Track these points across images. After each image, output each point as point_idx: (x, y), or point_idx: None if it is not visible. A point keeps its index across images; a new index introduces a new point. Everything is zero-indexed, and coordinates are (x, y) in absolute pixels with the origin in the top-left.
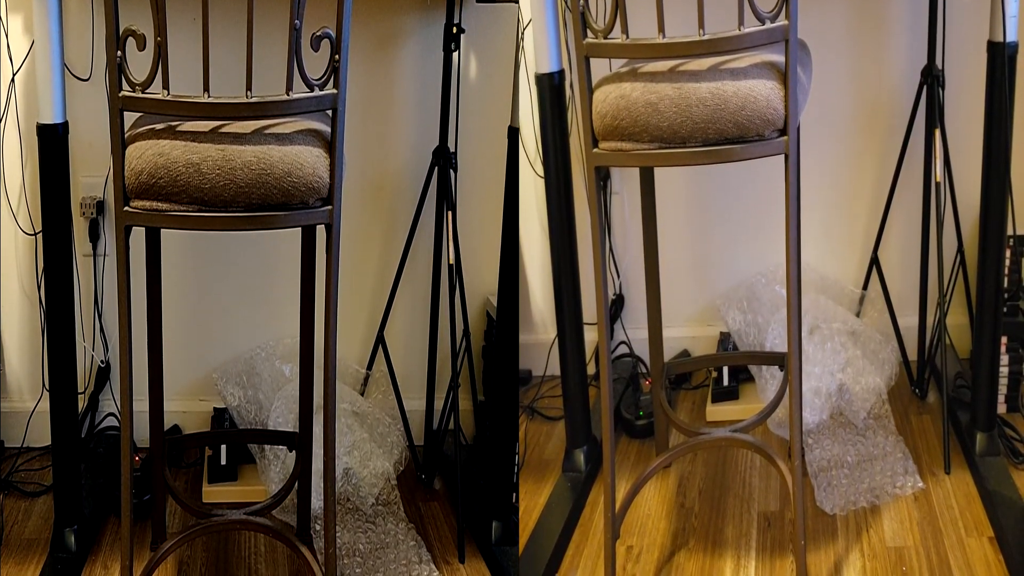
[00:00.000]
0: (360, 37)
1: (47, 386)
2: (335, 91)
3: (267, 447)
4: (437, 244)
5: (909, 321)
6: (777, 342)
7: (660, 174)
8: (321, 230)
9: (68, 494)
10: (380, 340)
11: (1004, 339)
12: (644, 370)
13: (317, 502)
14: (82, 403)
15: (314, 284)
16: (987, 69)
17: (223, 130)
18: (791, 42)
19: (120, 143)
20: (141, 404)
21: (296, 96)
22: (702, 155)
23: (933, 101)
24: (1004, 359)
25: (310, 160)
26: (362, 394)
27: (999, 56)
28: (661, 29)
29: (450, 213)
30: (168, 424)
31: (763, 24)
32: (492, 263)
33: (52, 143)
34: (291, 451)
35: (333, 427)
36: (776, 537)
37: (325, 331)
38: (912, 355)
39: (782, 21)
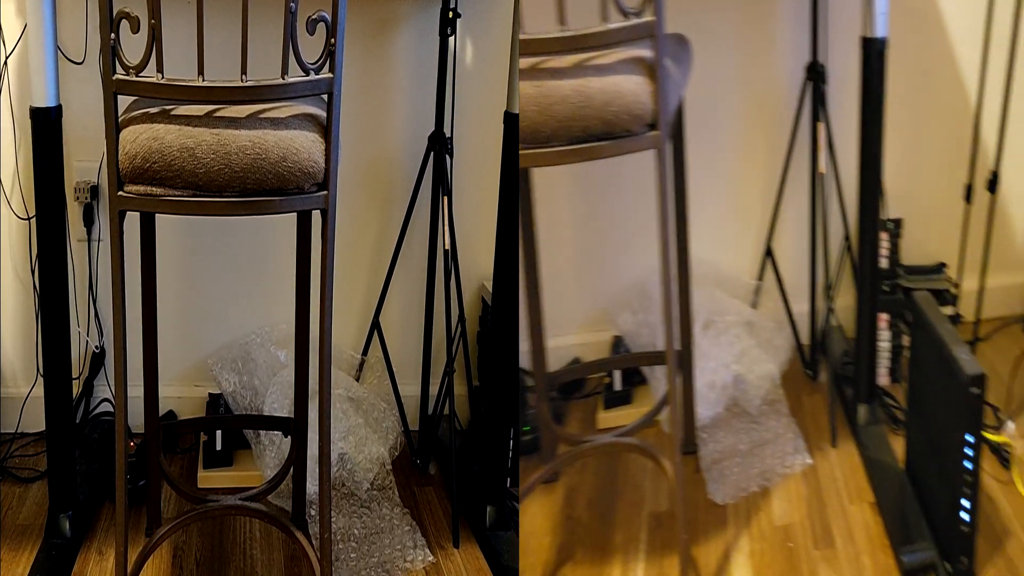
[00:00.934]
0: (356, 21)
1: (41, 371)
2: (331, 75)
3: (262, 433)
4: (433, 229)
5: (803, 308)
6: (276, 405)
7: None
8: (317, 215)
9: (63, 480)
10: (375, 325)
11: (886, 316)
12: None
13: (312, 487)
14: (77, 389)
15: (309, 269)
16: (861, 63)
17: (218, 114)
18: (659, 38)
19: (114, 127)
20: (136, 390)
21: (292, 80)
22: (569, 154)
23: (817, 95)
24: (887, 335)
25: (306, 145)
26: (357, 380)
27: (871, 51)
28: (201, 71)
29: (446, 198)
30: (163, 410)
31: (627, 19)
32: (488, 248)
33: (45, 127)
34: (286, 436)
35: (328, 413)
36: (666, 536)
37: (320, 317)
38: (808, 340)
39: (648, 16)
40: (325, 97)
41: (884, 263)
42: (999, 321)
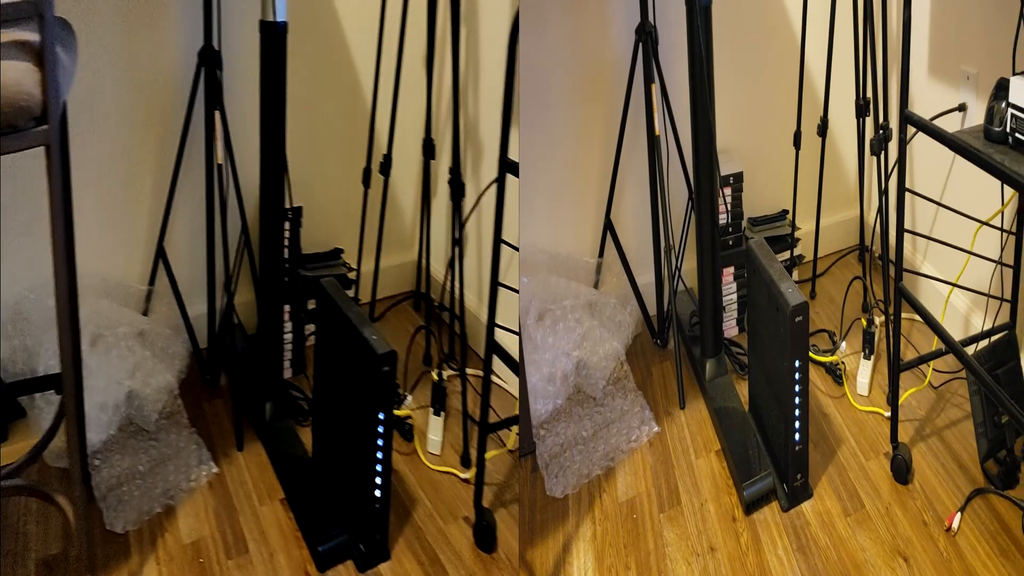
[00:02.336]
0: None
1: None
2: None
3: (37, 396)
4: (209, 146)
5: (199, 309)
6: (52, 363)
7: None
8: None
9: None
10: (160, 252)
11: (731, 270)
12: None
13: (98, 436)
14: None
15: (71, 211)
16: (261, 48)
17: None
18: (47, 18)
19: None
20: None
21: None
22: None
23: (212, 83)
24: (733, 286)
25: (14, 76)
26: (145, 313)
27: (271, 35)
28: None
29: (218, 113)
30: None
31: None
32: None
33: None
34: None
35: (72, 363)
36: None
37: (54, 262)
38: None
39: None
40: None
41: (727, 217)
42: (837, 255)
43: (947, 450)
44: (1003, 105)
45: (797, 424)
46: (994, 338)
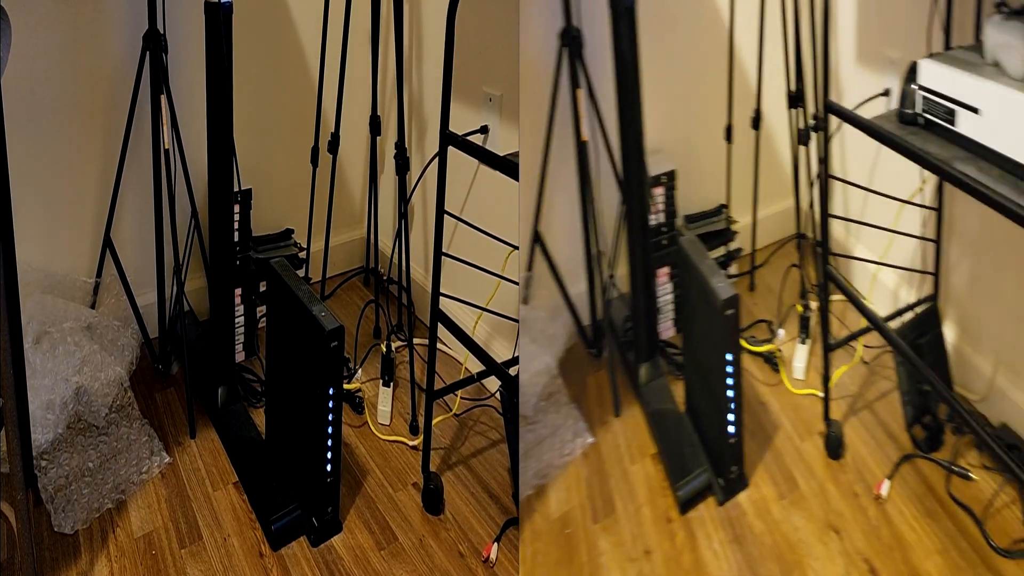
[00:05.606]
0: None
1: None
2: None
3: None
4: (155, 131)
5: (149, 298)
6: None
7: None
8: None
9: None
10: (107, 243)
11: (666, 270)
12: None
13: (45, 436)
14: None
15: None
16: (206, 30)
17: None
18: None
19: None
20: None
21: None
22: None
23: (157, 67)
24: (669, 286)
25: None
26: (93, 306)
27: (216, 16)
28: None
29: (164, 98)
30: None
31: None
32: None
33: None
34: None
35: (16, 362)
36: None
37: None
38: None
39: None
40: None
41: (661, 216)
42: (777, 244)
43: (877, 422)
44: (914, 87)
45: (731, 417)
46: (918, 310)
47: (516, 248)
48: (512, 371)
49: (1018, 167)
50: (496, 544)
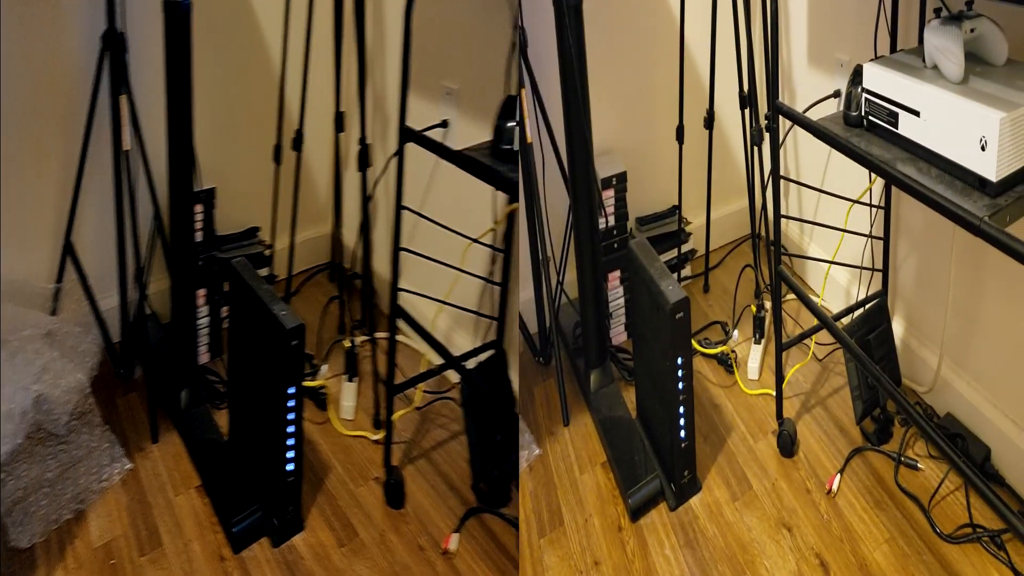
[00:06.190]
0: None
1: None
2: None
3: None
4: (116, 132)
5: (111, 302)
6: None
7: None
8: None
9: None
10: (68, 247)
11: (616, 274)
12: None
13: (3, 448)
14: None
15: None
16: (165, 29)
17: None
18: None
19: None
20: None
21: None
22: None
23: (117, 67)
24: (620, 290)
25: None
26: (53, 312)
27: (175, 15)
28: None
29: (124, 98)
30: None
31: None
32: None
33: None
34: None
35: None
36: None
37: None
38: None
39: None
40: None
41: (612, 219)
42: (731, 245)
43: (830, 417)
44: (859, 90)
45: (682, 422)
46: (868, 306)
47: (475, 241)
48: (469, 364)
49: (954, 167)
50: (455, 535)
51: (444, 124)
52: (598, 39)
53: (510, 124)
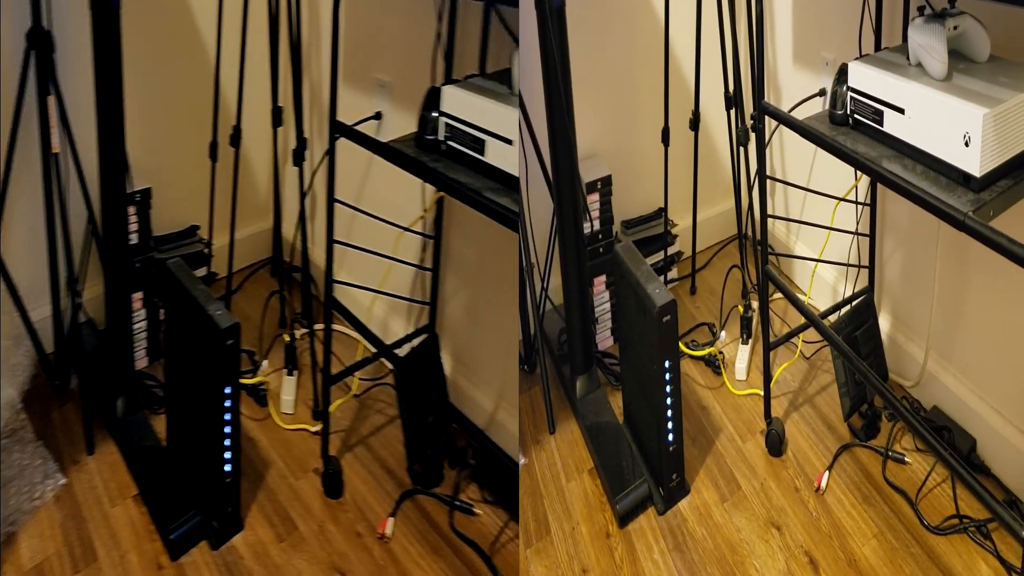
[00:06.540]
0: None
1: None
2: None
3: None
4: (44, 134)
5: (43, 312)
6: None
7: None
8: None
9: None
10: None
11: (601, 278)
12: None
13: None
14: None
15: None
16: (92, 26)
17: None
18: None
19: None
20: None
21: None
22: None
23: (44, 67)
24: (606, 295)
25: None
26: None
27: (103, 12)
28: None
29: (52, 99)
30: None
31: None
32: None
33: None
34: None
35: None
36: None
37: None
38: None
39: None
40: None
41: (597, 223)
42: (719, 246)
43: (818, 415)
44: (844, 89)
45: (670, 425)
46: (855, 302)
47: (407, 230)
48: (405, 348)
49: (939, 163)
50: (391, 520)
51: (378, 116)
52: (582, 41)
53: (434, 114)
